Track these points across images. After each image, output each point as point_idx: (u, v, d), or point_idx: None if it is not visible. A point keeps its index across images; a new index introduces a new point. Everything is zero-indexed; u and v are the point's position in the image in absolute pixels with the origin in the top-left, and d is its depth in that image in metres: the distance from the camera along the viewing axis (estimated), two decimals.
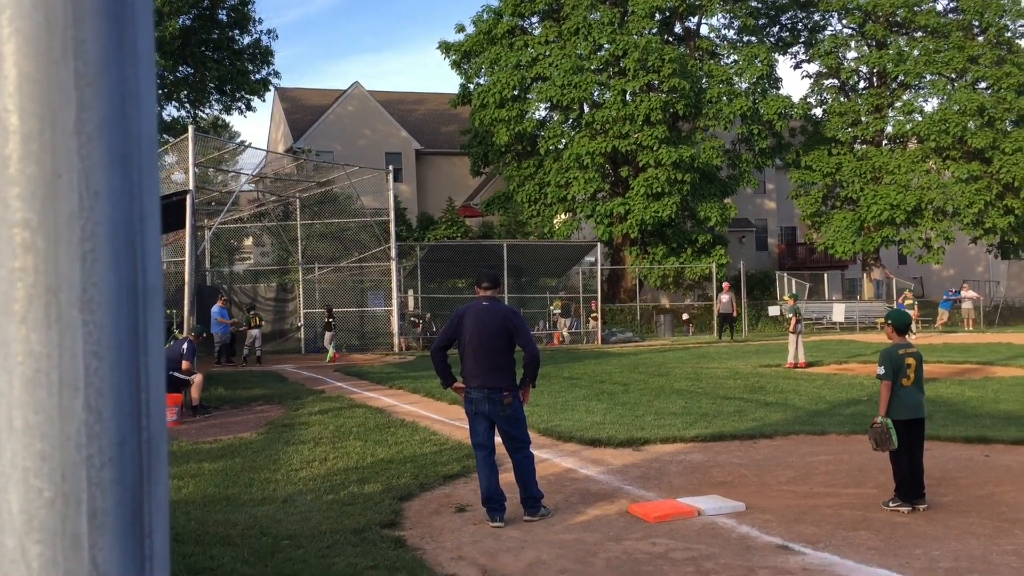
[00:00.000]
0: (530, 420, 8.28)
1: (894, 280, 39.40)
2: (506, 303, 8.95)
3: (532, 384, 6.96)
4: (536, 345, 7.02)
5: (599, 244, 32.19)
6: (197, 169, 18.63)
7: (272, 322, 28.77)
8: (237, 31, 34.97)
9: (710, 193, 36.08)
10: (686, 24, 40.23)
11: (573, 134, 36.04)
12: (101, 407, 0.80)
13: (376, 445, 9.70)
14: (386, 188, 26.99)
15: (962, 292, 35.16)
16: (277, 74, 36.96)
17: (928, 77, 39.58)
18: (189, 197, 15.93)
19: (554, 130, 36.36)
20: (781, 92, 38.54)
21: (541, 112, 37.26)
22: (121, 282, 0.81)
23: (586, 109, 35.87)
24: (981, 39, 39.50)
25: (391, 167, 28.33)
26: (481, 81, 37.67)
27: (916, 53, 39.21)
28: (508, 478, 6.90)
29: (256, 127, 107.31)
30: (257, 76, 35.82)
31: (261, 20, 48.64)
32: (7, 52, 0.79)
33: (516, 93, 35.81)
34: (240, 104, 36.35)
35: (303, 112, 46.83)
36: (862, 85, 42.11)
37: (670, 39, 39.41)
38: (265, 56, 35.76)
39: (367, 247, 27.34)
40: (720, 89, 36.39)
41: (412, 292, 29.00)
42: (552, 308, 30.89)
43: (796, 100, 39.22)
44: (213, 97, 36.04)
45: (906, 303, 27.81)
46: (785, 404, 12.53)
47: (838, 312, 34.66)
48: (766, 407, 12.20)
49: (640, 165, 34.79)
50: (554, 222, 36.59)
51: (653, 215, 33.95)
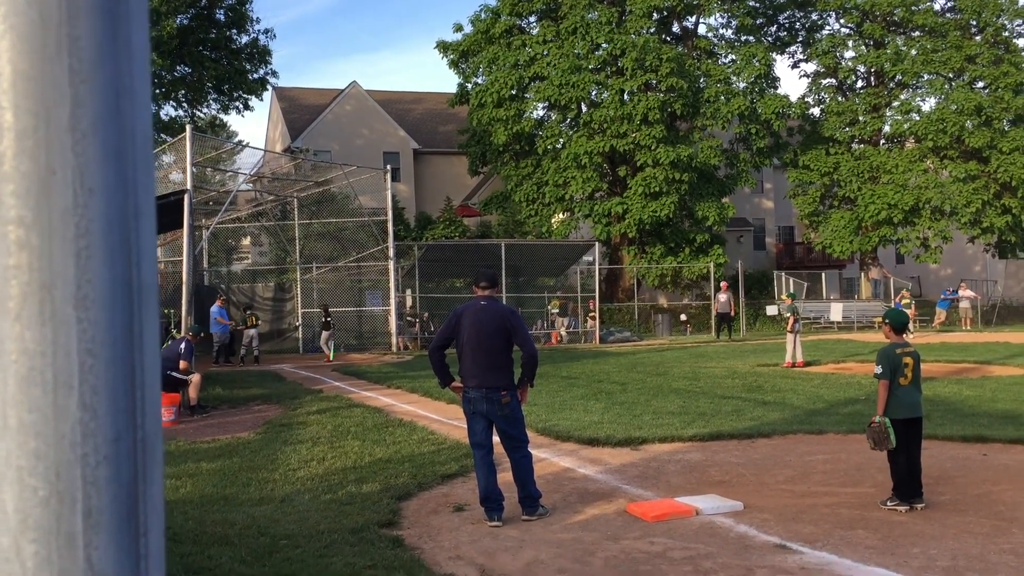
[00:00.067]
0: (528, 419, 8.28)
1: (892, 279, 39.43)
2: (504, 303, 8.95)
3: (530, 383, 6.96)
4: (534, 344, 7.02)
5: (597, 243, 32.20)
6: (195, 169, 18.62)
7: (270, 322, 28.76)
8: (235, 30, 34.94)
9: (708, 192, 36.09)
10: (684, 24, 40.26)
11: (571, 133, 36.05)
12: (96, 405, 0.79)
13: (374, 445, 9.70)
14: (384, 187, 26.98)
15: (960, 291, 35.19)
16: (275, 73, 36.92)
17: (926, 76, 39.62)
18: (187, 197, 15.91)
19: (552, 129, 36.36)
20: (779, 91, 38.57)
21: (539, 111, 37.29)
22: (116, 279, 0.80)
23: (584, 108, 35.88)
24: (979, 38, 39.54)
25: (389, 166, 28.32)
26: (479, 80, 37.67)
27: (914, 52, 39.24)
28: (506, 477, 6.90)
29: (254, 126, 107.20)
30: (255, 75, 35.78)
31: (259, 20, 48.61)
32: (1, 49, 0.79)
33: (514, 92, 35.81)
34: (238, 104, 36.32)
35: (301, 111, 46.80)
36: (860, 84, 42.15)
37: (668, 38, 39.42)
38: (263, 55, 35.72)
39: (365, 247, 27.33)
40: (718, 88, 36.40)
41: (410, 292, 28.99)
42: (550, 307, 30.89)
43: (794, 99, 39.25)
44: (211, 96, 36.01)
45: (903, 302, 27.82)
46: (783, 403, 12.54)
47: (836, 311, 34.69)
48: (764, 406, 12.21)
49: (638, 164, 34.79)
50: (552, 221, 36.59)
51: (651, 214, 33.95)
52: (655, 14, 37.46)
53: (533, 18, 38.17)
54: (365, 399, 14.18)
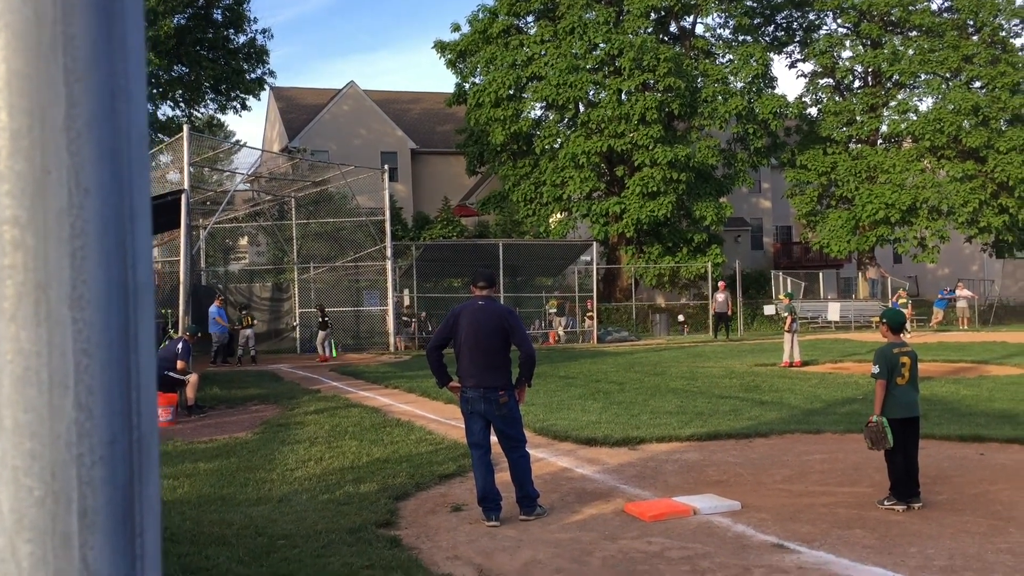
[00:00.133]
0: (526, 419, 8.28)
1: (889, 279, 39.48)
2: (502, 302, 8.94)
3: (528, 383, 6.96)
4: (532, 344, 7.03)
5: (595, 243, 32.21)
6: (192, 168, 18.60)
7: (267, 322, 28.74)
8: (232, 30, 34.91)
9: (705, 192, 36.11)
10: (681, 23, 40.26)
11: (569, 133, 36.04)
12: (91, 405, 0.79)
13: (372, 445, 9.70)
14: (381, 187, 26.97)
15: (957, 291, 35.24)
16: (272, 73, 36.92)
17: (923, 76, 39.67)
18: (184, 196, 15.91)
19: (550, 129, 36.36)
20: (776, 91, 38.59)
21: (537, 111, 37.28)
22: (111, 279, 0.80)
23: (581, 108, 35.88)
24: (976, 38, 39.58)
25: (386, 166, 28.30)
26: (477, 80, 37.66)
27: (911, 52, 39.28)
28: (504, 477, 6.90)
29: (251, 126, 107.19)
30: (252, 75, 35.77)
31: (256, 19, 48.51)
32: None
33: (512, 92, 35.80)
34: (235, 103, 36.32)
35: (298, 111, 46.77)
36: (857, 84, 42.19)
37: (665, 38, 39.43)
38: (260, 55, 35.70)
39: (362, 247, 27.32)
40: (715, 88, 36.42)
41: (408, 291, 28.99)
42: (548, 307, 30.90)
43: (791, 99, 39.26)
44: (208, 96, 35.99)
45: (899, 302, 27.86)
46: (780, 403, 12.55)
47: (833, 311, 34.71)
48: (762, 406, 12.21)
49: (635, 164, 34.80)
50: (550, 221, 36.59)
51: (649, 214, 33.96)
52: (653, 14, 37.47)
53: (531, 18, 38.16)
54: (363, 399, 14.18)
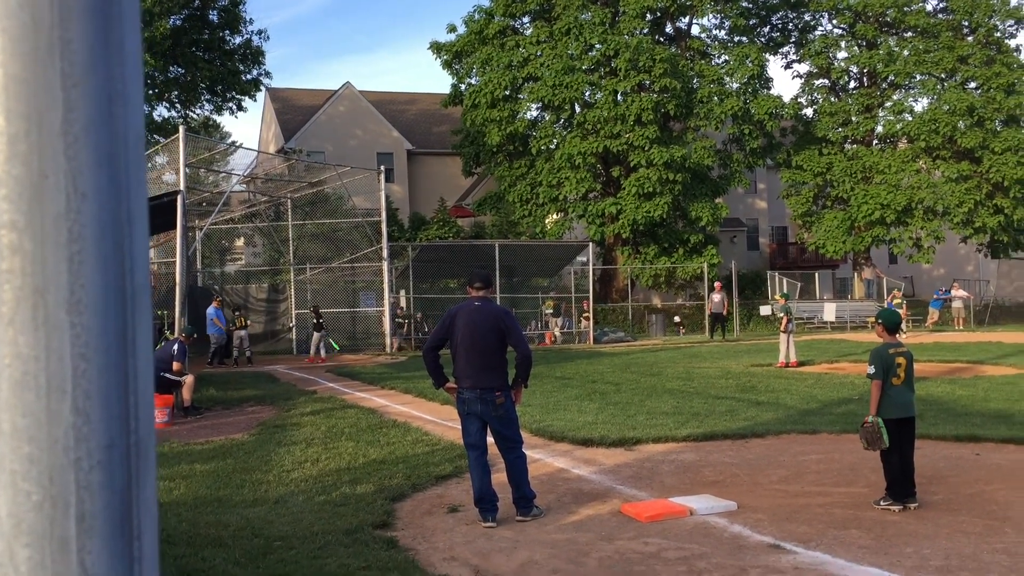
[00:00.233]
0: (522, 420, 8.28)
1: (884, 279, 39.53)
2: (498, 303, 8.95)
3: (524, 384, 6.96)
4: (528, 345, 7.03)
5: (591, 244, 32.21)
6: (188, 170, 18.58)
7: (264, 323, 28.72)
8: (228, 31, 34.88)
9: (701, 193, 36.13)
10: (677, 24, 40.29)
11: (564, 134, 36.05)
12: (89, 410, 0.79)
13: (368, 446, 9.69)
14: (378, 188, 26.96)
15: (952, 291, 35.30)
16: (268, 74, 36.91)
17: (918, 77, 39.72)
18: (180, 198, 15.89)
19: (545, 130, 36.36)
20: (772, 92, 38.61)
21: (532, 112, 37.27)
22: (109, 284, 0.80)
23: (577, 109, 35.89)
24: (971, 39, 39.65)
25: (383, 167, 28.31)
26: (472, 81, 37.65)
27: (906, 53, 39.34)
28: (500, 478, 6.90)
29: (247, 127, 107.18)
30: (248, 76, 35.74)
31: (252, 20, 48.49)
32: None
33: (507, 93, 35.80)
34: (231, 104, 36.29)
35: (294, 112, 46.74)
36: (852, 85, 42.24)
37: (661, 39, 39.45)
38: (256, 56, 35.68)
39: (359, 247, 27.30)
40: (711, 89, 36.45)
41: (404, 292, 28.97)
42: (544, 308, 30.90)
43: (787, 100, 39.29)
44: (204, 97, 35.96)
45: (894, 302, 27.90)
46: (776, 403, 12.56)
47: (829, 311, 34.75)
48: (758, 406, 12.22)
49: (631, 165, 34.82)
50: (546, 222, 36.59)
51: (645, 215, 33.98)
52: (648, 15, 37.48)
53: (527, 19, 38.16)
54: (359, 400, 14.17)
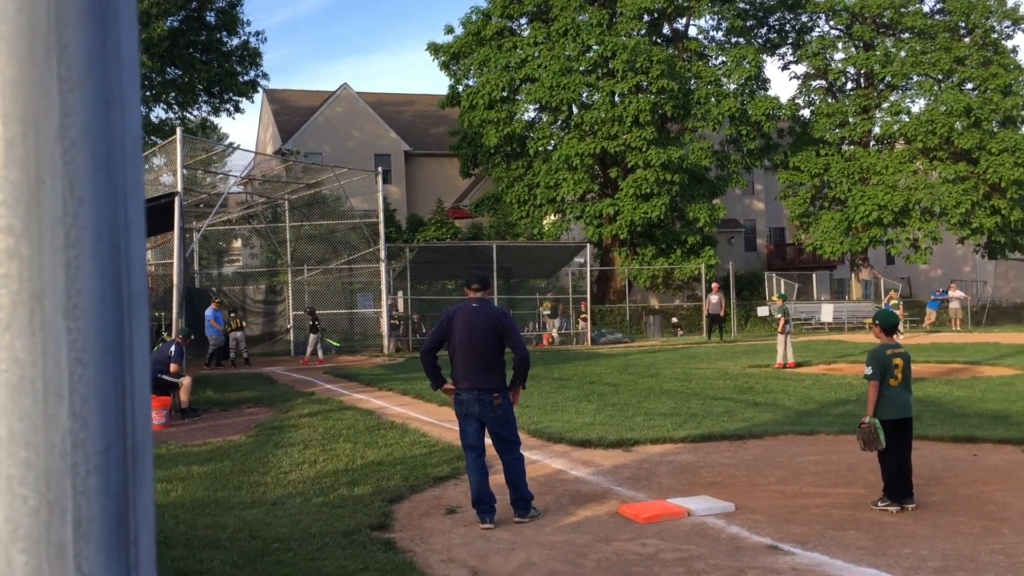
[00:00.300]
0: (520, 421, 8.28)
1: (882, 280, 39.57)
2: (496, 304, 8.94)
3: (522, 385, 6.96)
4: (526, 346, 7.03)
5: (588, 245, 32.22)
6: (185, 171, 18.57)
7: (261, 324, 28.68)
8: (225, 33, 34.84)
9: (699, 194, 36.16)
10: (674, 26, 40.31)
11: (562, 135, 36.07)
12: (86, 414, 0.79)
13: (366, 447, 9.68)
14: (375, 189, 26.95)
15: (949, 292, 35.33)
16: (265, 76, 36.82)
17: (915, 78, 39.79)
18: (177, 199, 15.88)
19: (543, 131, 36.37)
20: (769, 93, 38.65)
21: (530, 113, 37.29)
22: (106, 288, 0.80)
23: (575, 110, 35.90)
24: (967, 40, 39.72)
25: (380, 168, 28.30)
26: (470, 82, 37.67)
27: (903, 54, 39.39)
28: (498, 479, 6.89)
29: (244, 129, 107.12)
30: (245, 78, 35.69)
31: (249, 22, 48.47)
32: None
33: (505, 94, 35.81)
34: (228, 106, 36.22)
35: (291, 114, 46.71)
36: (850, 86, 42.30)
37: (658, 40, 39.48)
38: (253, 58, 35.63)
39: (356, 249, 27.28)
40: (708, 90, 36.48)
41: (401, 294, 28.96)
42: (541, 309, 30.89)
43: (784, 101, 39.35)
44: (201, 99, 35.89)
45: (891, 303, 27.92)
46: (774, 404, 12.57)
47: (826, 312, 34.78)
48: (755, 407, 12.23)
49: (629, 166, 34.84)
50: (543, 223, 36.60)
51: (642, 216, 34.00)
52: (646, 16, 37.51)
53: (524, 20, 38.17)
54: (357, 401, 14.16)
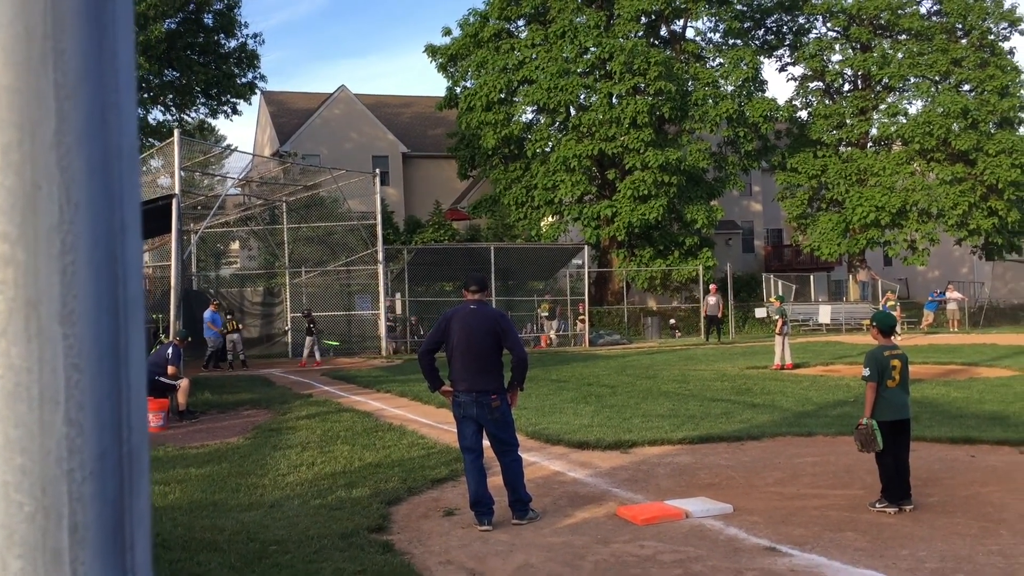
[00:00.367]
0: (518, 423, 8.27)
1: (879, 282, 39.60)
2: (494, 306, 8.94)
3: (520, 387, 6.96)
4: (524, 348, 7.03)
5: (586, 247, 32.23)
6: (183, 173, 18.56)
7: (259, 326, 28.67)
8: (223, 35, 34.83)
9: (696, 195, 36.19)
10: (672, 27, 40.35)
11: (560, 137, 36.09)
12: (82, 420, 0.79)
13: (364, 449, 9.68)
14: (373, 191, 26.95)
15: (947, 293, 35.37)
16: (263, 78, 36.83)
17: (912, 80, 39.84)
18: (175, 201, 15.87)
19: (541, 133, 36.39)
20: (766, 95, 38.70)
21: (528, 115, 37.31)
22: (101, 294, 0.80)
23: (572, 112, 35.92)
24: (964, 42, 39.78)
25: (378, 170, 28.32)
26: (468, 84, 37.69)
27: (900, 56, 39.45)
28: (496, 481, 6.89)
29: (242, 131, 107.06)
30: (243, 80, 35.68)
31: (247, 24, 48.48)
32: None
33: (503, 96, 35.83)
34: (226, 108, 36.21)
35: (289, 116, 46.70)
36: (847, 88, 42.34)
37: (656, 42, 39.51)
38: (251, 60, 35.63)
39: (354, 250, 27.28)
40: (706, 92, 36.51)
41: (399, 295, 28.95)
42: (539, 311, 30.89)
43: (781, 103, 39.39)
44: (199, 101, 35.88)
45: (888, 304, 27.95)
46: (772, 406, 12.57)
47: (824, 314, 34.81)
48: (753, 409, 12.23)
49: (627, 168, 34.86)
50: (541, 225, 36.61)
51: (640, 218, 34.02)
52: (643, 18, 37.55)
53: (521, 22, 38.19)
54: (355, 403, 14.15)
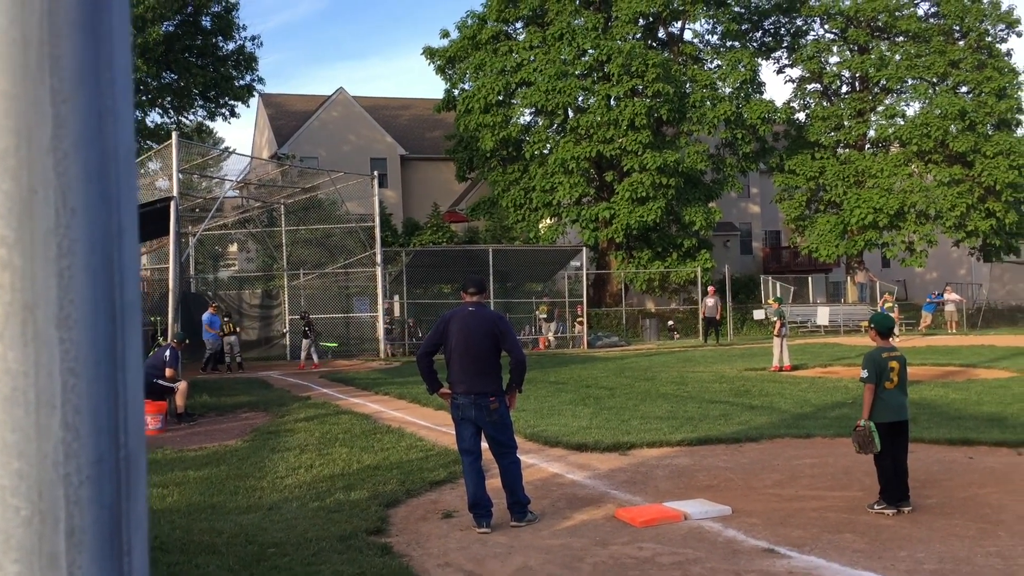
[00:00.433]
0: (516, 425, 8.27)
1: (878, 283, 39.63)
2: (492, 308, 8.95)
3: (518, 389, 6.96)
4: (522, 350, 7.03)
5: (584, 249, 32.25)
6: (181, 175, 18.54)
7: (258, 329, 28.66)
8: (221, 37, 34.83)
9: (695, 197, 36.21)
10: (669, 29, 40.39)
11: (558, 139, 36.11)
12: (79, 425, 0.79)
13: (362, 452, 9.67)
14: (371, 193, 26.94)
15: (945, 295, 35.40)
16: (261, 80, 36.79)
17: (910, 81, 39.89)
18: (173, 204, 15.85)
19: (539, 135, 36.41)
20: (764, 97, 38.73)
21: (526, 117, 37.33)
22: (98, 299, 0.80)
23: (571, 114, 35.95)
24: (962, 44, 39.83)
25: (376, 172, 28.30)
26: (466, 86, 37.70)
27: (898, 58, 39.50)
28: (495, 484, 6.89)
29: (240, 133, 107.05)
30: (241, 82, 35.67)
31: (245, 27, 48.41)
32: None
33: (501, 98, 35.85)
34: (224, 110, 36.20)
35: (287, 118, 46.70)
36: (844, 89, 42.37)
37: (654, 44, 39.54)
38: (249, 62, 35.63)
39: (352, 253, 27.28)
40: (704, 94, 36.54)
41: (398, 298, 28.94)
42: (538, 313, 30.89)
43: (779, 104, 39.39)
44: (197, 103, 35.87)
45: (886, 306, 27.97)
46: (770, 407, 12.57)
47: (822, 315, 34.82)
48: (751, 411, 12.24)
49: (625, 170, 34.87)
50: (539, 227, 36.62)
51: (638, 219, 34.03)
52: (641, 20, 37.58)
53: (519, 24, 38.21)
54: (353, 406, 14.15)
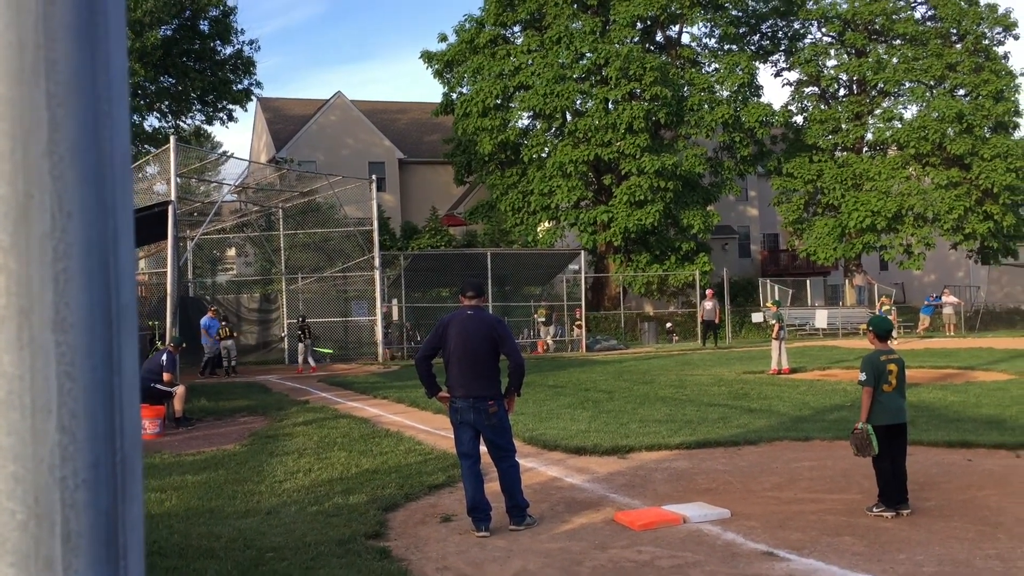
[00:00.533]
0: (515, 429, 8.27)
1: (876, 286, 39.67)
2: (490, 312, 8.95)
3: (517, 393, 6.96)
4: (521, 354, 7.03)
5: (583, 252, 32.27)
6: (179, 180, 18.53)
7: (256, 333, 28.64)
8: (219, 41, 34.87)
9: (693, 200, 36.24)
10: (667, 33, 40.46)
11: (556, 142, 36.14)
12: (75, 428, 0.79)
13: (361, 456, 9.67)
14: (369, 197, 26.94)
15: (943, 297, 35.43)
16: (259, 84, 36.85)
17: (907, 84, 39.97)
18: (171, 208, 15.84)
19: (537, 139, 36.44)
20: (762, 100, 38.80)
21: (524, 121, 37.38)
22: (94, 302, 0.80)
23: (568, 118, 35.99)
24: (959, 47, 39.92)
25: (374, 176, 28.30)
26: (464, 90, 37.75)
27: (895, 61, 39.58)
28: (493, 487, 6.89)
29: (238, 137, 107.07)
30: (239, 86, 35.71)
31: (243, 31, 48.47)
32: None
33: (499, 102, 35.90)
34: (222, 114, 36.24)
35: (285, 122, 46.72)
36: (842, 93, 42.46)
37: (652, 48, 39.60)
38: (247, 66, 35.66)
39: (350, 257, 27.27)
40: (702, 97, 36.60)
41: (396, 301, 28.93)
42: (536, 316, 30.89)
43: (777, 108, 39.48)
44: (195, 107, 35.90)
45: (884, 309, 27.99)
46: (769, 410, 12.57)
47: (820, 318, 34.84)
48: (750, 414, 12.24)
49: (623, 173, 34.91)
50: (538, 230, 36.65)
51: (636, 223, 34.06)
52: (639, 23, 37.64)
53: (517, 28, 38.28)
54: (352, 410, 14.14)
